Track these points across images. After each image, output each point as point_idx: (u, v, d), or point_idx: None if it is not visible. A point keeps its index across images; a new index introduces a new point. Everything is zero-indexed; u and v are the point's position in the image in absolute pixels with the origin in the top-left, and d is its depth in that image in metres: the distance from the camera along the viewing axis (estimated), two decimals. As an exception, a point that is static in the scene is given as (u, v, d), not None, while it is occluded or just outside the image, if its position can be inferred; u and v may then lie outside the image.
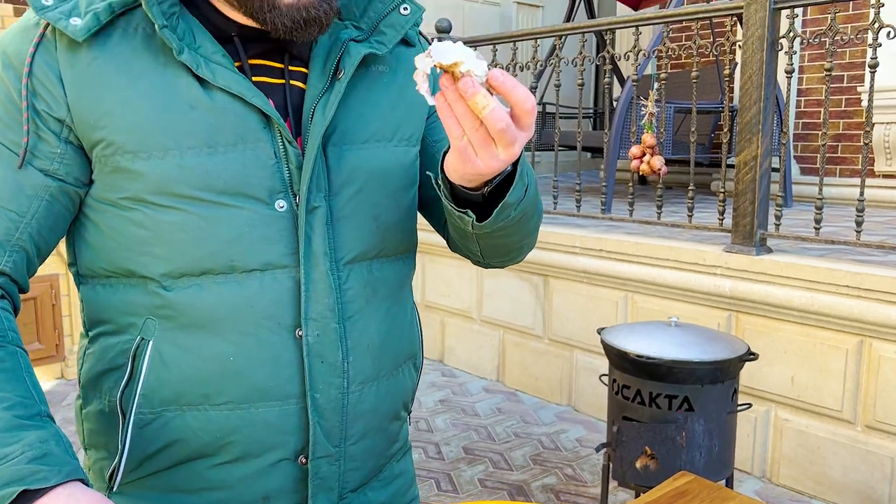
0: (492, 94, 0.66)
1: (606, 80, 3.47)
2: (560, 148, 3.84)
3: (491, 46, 3.95)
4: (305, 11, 0.78)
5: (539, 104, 5.33)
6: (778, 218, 2.88)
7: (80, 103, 0.78)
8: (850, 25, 4.75)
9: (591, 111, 6.80)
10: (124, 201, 0.80)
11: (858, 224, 2.65)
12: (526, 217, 0.85)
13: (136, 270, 0.82)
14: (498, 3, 6.62)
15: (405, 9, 0.90)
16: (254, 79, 0.84)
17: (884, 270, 2.49)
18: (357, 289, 0.87)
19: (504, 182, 0.78)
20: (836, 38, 2.63)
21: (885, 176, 4.67)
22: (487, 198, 0.79)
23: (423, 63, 0.65)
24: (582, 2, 5.50)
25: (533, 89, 4.03)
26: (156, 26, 0.76)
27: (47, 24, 0.78)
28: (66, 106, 0.78)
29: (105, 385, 0.87)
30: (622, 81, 5.62)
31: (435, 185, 0.82)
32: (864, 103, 4.63)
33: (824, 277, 2.59)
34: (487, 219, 0.79)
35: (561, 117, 4.39)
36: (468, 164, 0.71)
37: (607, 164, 3.70)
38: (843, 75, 4.82)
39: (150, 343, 0.83)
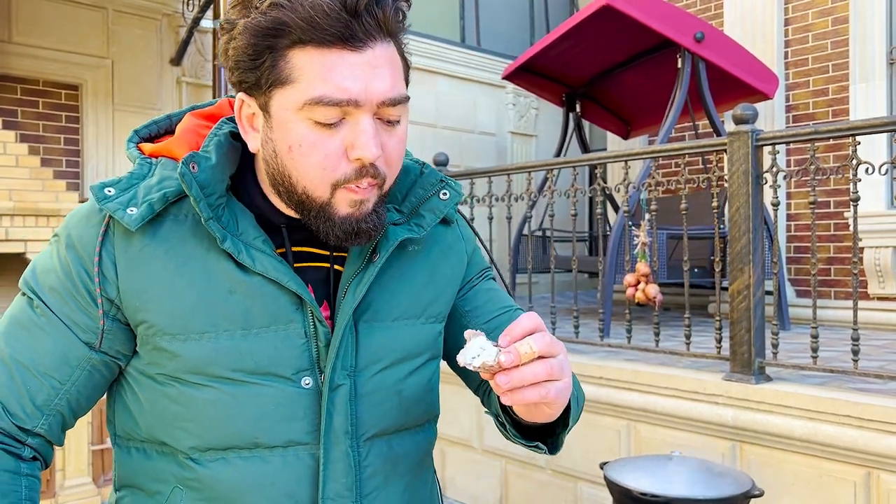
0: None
1: (599, 211, 3.58)
2: (556, 270, 3.91)
3: (487, 179, 4.09)
4: (356, 224, 0.83)
5: (539, 230, 5.47)
6: (775, 346, 2.89)
7: (128, 288, 0.83)
8: (832, 154, 4.95)
9: (587, 234, 6.95)
10: (161, 377, 0.84)
11: (855, 353, 2.66)
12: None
13: (168, 442, 0.85)
14: (494, 133, 6.90)
15: (444, 194, 0.95)
16: (298, 264, 0.89)
17: (885, 400, 2.48)
18: (376, 466, 0.89)
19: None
20: (817, 172, 2.74)
21: (880, 298, 4.72)
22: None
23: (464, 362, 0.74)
24: (574, 132, 5.75)
25: (528, 218, 4.15)
26: (202, 218, 0.82)
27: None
28: (117, 288, 0.84)
29: None
30: (616, 206, 5.79)
31: (498, 426, 0.89)
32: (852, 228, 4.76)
33: (825, 407, 2.58)
34: (555, 445, 0.89)
35: (557, 241, 4.49)
36: (545, 413, 0.78)
37: (603, 292, 3.75)
38: (830, 201, 4.97)
39: None
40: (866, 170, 2.62)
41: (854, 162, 2.64)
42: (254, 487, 0.83)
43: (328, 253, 0.90)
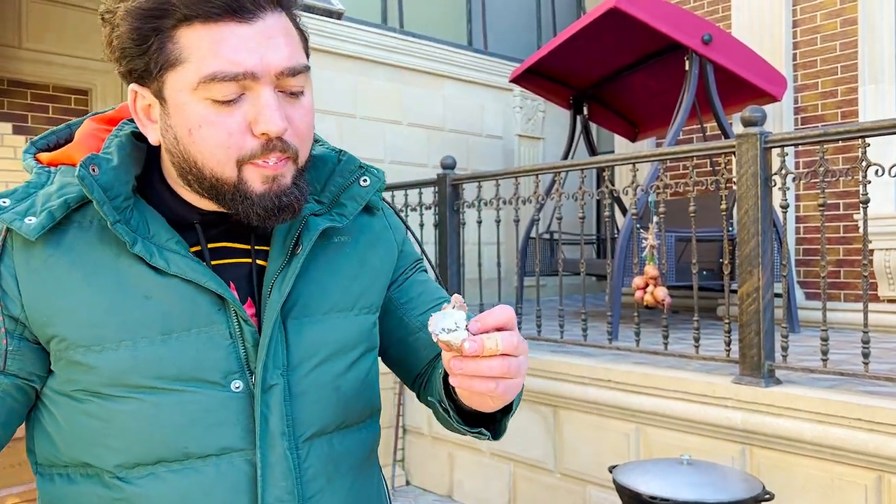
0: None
1: (607, 213, 3.58)
2: (564, 273, 3.91)
3: (494, 182, 4.09)
4: (277, 199, 0.79)
5: (547, 233, 5.47)
6: (785, 348, 2.88)
7: (33, 302, 0.79)
8: (841, 156, 4.92)
9: (595, 237, 6.93)
10: (78, 393, 0.79)
11: (865, 356, 2.64)
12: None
13: (91, 462, 0.80)
14: (501, 136, 6.90)
15: (364, 181, 0.93)
16: (217, 262, 0.84)
17: (895, 403, 2.46)
18: (317, 467, 0.85)
19: None
20: (826, 175, 2.73)
21: (890, 301, 4.69)
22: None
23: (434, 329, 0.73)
24: (581, 135, 5.74)
25: (536, 221, 4.15)
26: (108, 222, 0.78)
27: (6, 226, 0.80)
28: (21, 305, 0.79)
29: None
30: (623, 209, 5.77)
31: (442, 412, 0.85)
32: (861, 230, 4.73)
33: (836, 410, 2.57)
34: (497, 431, 0.86)
35: (564, 244, 4.49)
36: (487, 405, 0.77)
37: (611, 294, 3.74)
38: (839, 203, 4.95)
39: None
40: (876, 171, 2.60)
41: (863, 164, 2.62)
42: (187, 501, 0.79)
43: (248, 247, 0.87)
